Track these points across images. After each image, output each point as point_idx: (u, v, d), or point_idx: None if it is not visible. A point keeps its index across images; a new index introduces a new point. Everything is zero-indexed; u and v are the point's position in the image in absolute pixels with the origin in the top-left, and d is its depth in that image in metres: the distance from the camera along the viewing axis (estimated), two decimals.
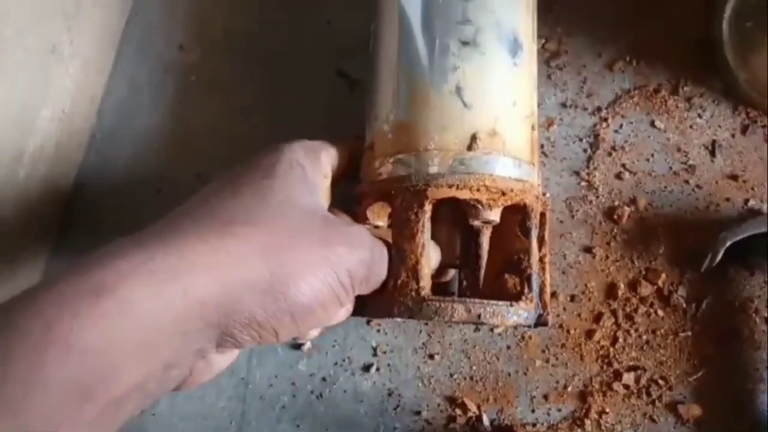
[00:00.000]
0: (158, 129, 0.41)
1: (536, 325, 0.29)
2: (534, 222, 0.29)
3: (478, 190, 0.28)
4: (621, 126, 0.40)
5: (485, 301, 0.27)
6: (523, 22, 0.32)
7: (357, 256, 0.26)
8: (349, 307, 0.28)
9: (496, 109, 0.30)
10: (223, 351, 0.25)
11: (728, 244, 0.35)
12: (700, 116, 0.40)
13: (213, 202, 0.26)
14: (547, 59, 0.41)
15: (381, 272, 0.28)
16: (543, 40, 0.41)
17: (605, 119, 0.40)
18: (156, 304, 0.21)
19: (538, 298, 0.29)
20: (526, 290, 0.28)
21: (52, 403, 0.19)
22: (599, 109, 0.40)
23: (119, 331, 0.20)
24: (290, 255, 0.24)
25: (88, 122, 0.41)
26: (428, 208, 0.28)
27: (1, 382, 0.18)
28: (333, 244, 0.25)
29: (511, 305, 0.27)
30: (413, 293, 0.27)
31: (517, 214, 0.30)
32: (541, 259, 0.31)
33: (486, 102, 0.30)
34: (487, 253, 0.30)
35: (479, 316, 0.27)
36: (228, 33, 0.43)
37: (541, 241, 0.31)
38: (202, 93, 0.42)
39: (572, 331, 0.37)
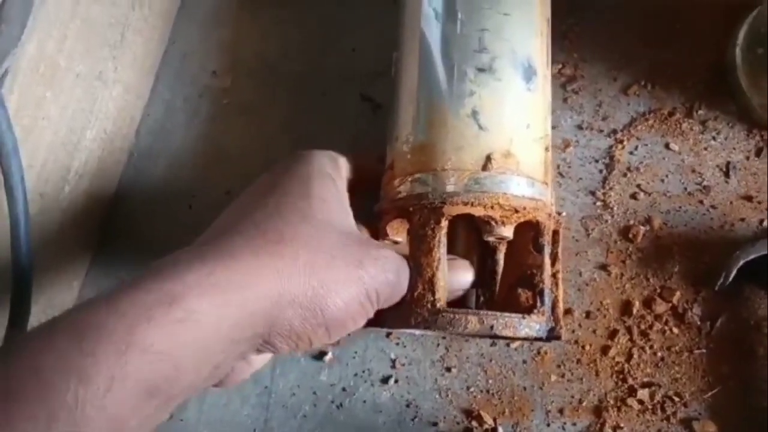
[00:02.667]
0: (191, 149, 0.44)
1: (548, 338, 0.30)
2: (547, 239, 0.31)
3: (492, 207, 0.29)
4: (636, 148, 0.41)
5: (498, 313, 0.28)
6: (538, 49, 0.34)
7: (385, 277, 0.28)
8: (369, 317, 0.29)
9: (510, 131, 0.31)
10: (261, 353, 0.28)
11: (742, 262, 0.36)
12: (714, 138, 0.41)
13: (258, 218, 0.28)
14: (564, 83, 0.43)
15: (403, 290, 0.30)
16: (560, 65, 0.43)
17: (620, 141, 0.41)
18: (216, 315, 0.23)
19: (550, 312, 0.30)
20: (538, 304, 0.29)
21: (127, 398, 0.21)
22: (615, 131, 0.41)
23: (184, 337, 0.23)
24: (329, 274, 0.26)
25: (127, 142, 0.44)
26: (444, 224, 0.30)
27: (90, 374, 0.20)
28: (366, 265, 0.27)
29: (524, 318, 0.29)
30: (429, 305, 0.29)
31: (530, 231, 0.31)
32: (554, 275, 0.32)
33: (500, 125, 0.31)
34: (502, 269, 0.32)
35: (492, 327, 0.28)
36: (258, 59, 0.46)
37: (554, 257, 0.32)
38: (233, 116, 0.45)
39: (587, 347, 0.38)
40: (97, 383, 0.20)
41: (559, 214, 0.40)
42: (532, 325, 0.29)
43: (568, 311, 0.38)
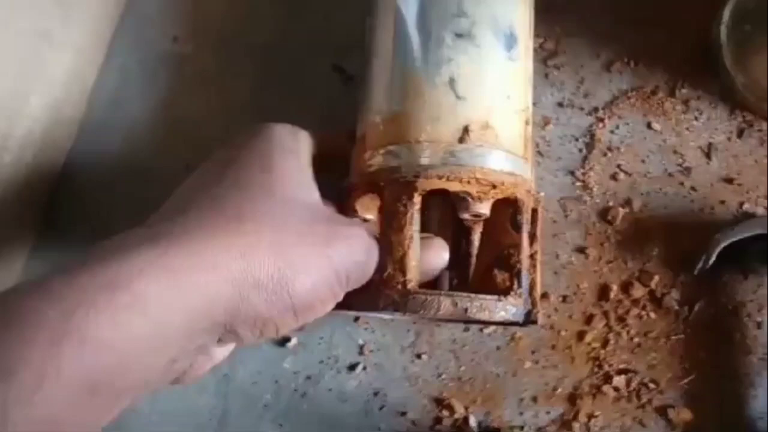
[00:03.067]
0: (148, 120, 0.41)
1: (525, 322, 0.28)
2: (525, 217, 0.29)
3: (468, 182, 0.27)
4: (617, 127, 0.39)
5: (473, 295, 0.27)
6: (520, 17, 0.32)
7: (355, 258, 0.26)
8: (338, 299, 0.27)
9: (490, 101, 0.29)
10: (223, 344, 0.25)
11: (721, 246, 0.35)
12: (696, 119, 0.39)
13: (216, 193, 0.25)
14: (545, 58, 0.41)
15: (371, 271, 0.27)
16: (541, 39, 0.41)
17: (602, 120, 0.40)
18: (167, 302, 0.21)
19: (527, 295, 0.28)
20: (515, 286, 0.28)
21: (62, 396, 0.19)
22: (596, 109, 0.40)
23: (131, 327, 0.20)
24: (296, 253, 0.24)
25: (78, 111, 0.41)
26: (417, 200, 0.28)
27: (15, 368, 0.18)
28: (335, 244, 0.25)
29: (500, 300, 0.27)
30: (399, 286, 0.27)
31: (508, 209, 0.29)
32: (532, 256, 0.30)
33: (479, 94, 0.29)
34: (477, 250, 0.30)
35: (466, 310, 0.26)
36: (223, 26, 0.43)
37: (532, 237, 0.30)
38: (194, 86, 0.42)
39: (563, 333, 0.37)
40: (24, 379, 0.18)
41: (538, 193, 0.38)
42: (509, 308, 0.27)
43: (544, 295, 0.37)
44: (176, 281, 0.21)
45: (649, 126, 0.39)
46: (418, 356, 0.37)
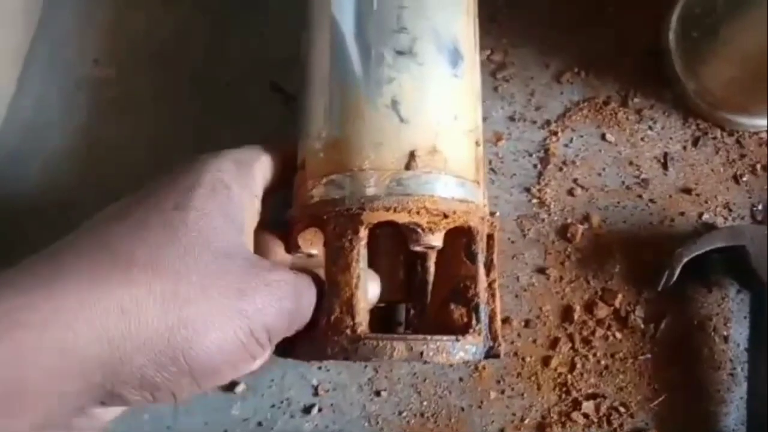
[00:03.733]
0: (68, 149, 0.37)
1: (487, 357, 0.26)
2: (480, 246, 0.27)
3: (417, 212, 0.25)
4: (571, 140, 0.38)
5: (428, 337, 0.24)
6: (463, 30, 0.30)
7: (278, 306, 0.23)
8: (265, 357, 0.25)
9: (436, 124, 0.27)
10: (108, 407, 0.22)
11: (684, 261, 0.34)
12: (651, 128, 0.38)
13: (113, 233, 0.22)
14: (493, 71, 0.39)
15: (305, 317, 0.25)
16: (488, 51, 0.39)
17: (555, 133, 0.38)
18: (23, 362, 0.18)
19: (487, 330, 0.26)
20: (473, 322, 0.26)
21: None
22: (548, 122, 0.38)
23: None
24: (196, 309, 0.21)
25: None
26: (364, 234, 0.25)
27: None
28: (251, 294, 0.22)
29: (457, 340, 0.25)
30: (348, 331, 0.24)
31: (462, 238, 0.27)
32: (490, 285, 0.28)
33: (424, 116, 0.27)
34: (432, 281, 0.28)
35: (422, 354, 0.24)
36: (149, 45, 0.40)
37: (489, 265, 0.28)
38: (120, 111, 0.38)
39: (528, 359, 0.35)
40: None
41: (493, 214, 0.36)
42: (468, 348, 0.25)
43: (506, 320, 0.35)
44: (38, 339, 0.18)
45: (603, 137, 0.38)
46: (377, 393, 0.34)
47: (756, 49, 0.33)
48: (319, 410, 0.34)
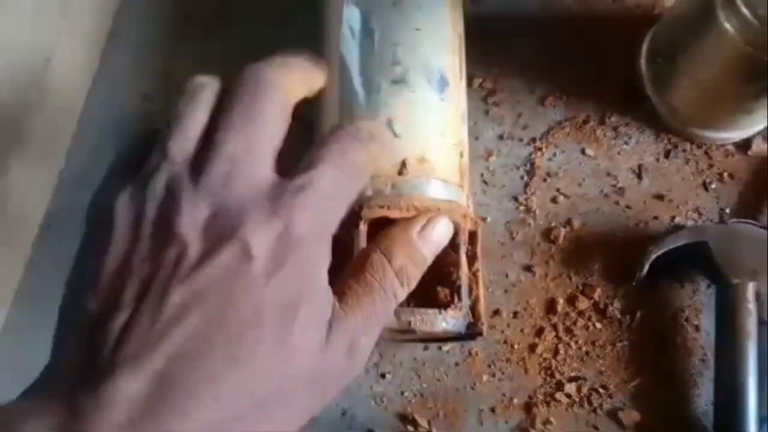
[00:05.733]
0: None
1: (470, 335, 0.31)
2: (463, 238, 0.32)
3: (407, 209, 0.31)
4: (554, 155, 0.43)
5: (415, 309, 0.29)
6: (450, 63, 0.35)
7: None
8: None
9: (425, 138, 0.33)
10: None
11: (653, 257, 0.38)
12: (626, 143, 0.43)
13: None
14: (485, 96, 0.45)
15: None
16: (480, 80, 0.45)
17: (540, 149, 0.43)
18: None
19: (468, 308, 0.31)
20: (455, 299, 0.31)
21: None
22: (534, 140, 0.44)
23: None
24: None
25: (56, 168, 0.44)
26: (363, 228, 0.31)
27: None
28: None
29: (440, 313, 0.30)
30: None
31: None
32: (474, 274, 0.33)
33: (415, 132, 0.33)
34: None
35: (409, 323, 0.29)
36: None
37: (472, 256, 0.33)
38: None
39: (516, 346, 0.39)
40: None
41: (484, 219, 0.41)
42: (449, 320, 0.30)
43: (496, 312, 0.40)
44: None
45: (583, 152, 0.43)
46: (383, 376, 0.39)
47: (707, 75, 0.38)
48: None
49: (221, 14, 0.48)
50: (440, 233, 0.29)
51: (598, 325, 0.40)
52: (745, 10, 0.32)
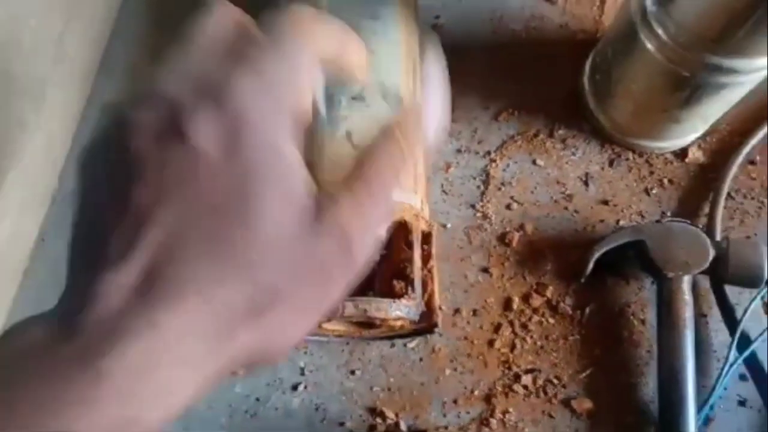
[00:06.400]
0: None
1: (425, 329, 0.34)
2: (416, 236, 0.35)
3: None
4: (508, 165, 0.47)
5: (371, 299, 0.33)
6: (404, 81, 0.39)
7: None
8: None
9: None
10: None
11: (597, 255, 0.42)
12: (573, 154, 0.47)
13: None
14: None
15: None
16: None
17: (494, 160, 0.47)
18: None
19: (420, 299, 0.34)
20: (409, 291, 0.34)
21: None
22: (489, 152, 0.47)
23: None
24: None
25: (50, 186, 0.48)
26: None
27: None
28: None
29: (394, 302, 0.33)
30: None
31: (402, 231, 0.36)
32: (429, 270, 0.36)
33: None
34: (378, 266, 0.36)
35: (365, 310, 0.32)
36: None
37: (427, 254, 0.36)
38: None
39: (476, 342, 0.42)
40: None
41: (444, 226, 0.45)
42: (402, 308, 0.33)
43: (457, 311, 0.43)
44: None
45: (534, 163, 0.47)
46: (352, 372, 0.42)
47: (637, 89, 0.42)
48: (305, 387, 0.42)
49: None
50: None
51: (551, 321, 0.43)
52: (660, 32, 0.37)
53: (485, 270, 0.44)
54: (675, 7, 0.36)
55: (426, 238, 0.37)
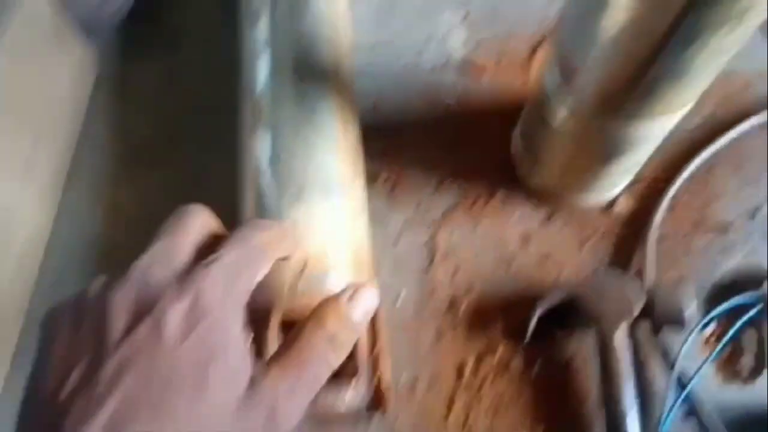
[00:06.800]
0: None
1: (373, 407, 0.36)
2: None
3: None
4: (452, 233, 0.50)
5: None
6: (343, 172, 0.42)
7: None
8: None
9: (321, 240, 0.39)
10: None
11: (537, 315, 0.44)
12: (512, 216, 0.50)
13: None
14: (390, 189, 0.52)
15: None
16: (385, 176, 0.52)
17: (439, 229, 0.50)
18: None
19: (368, 383, 0.36)
20: (357, 376, 0.36)
21: None
22: (433, 222, 0.50)
23: None
24: None
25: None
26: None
27: None
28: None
29: (341, 390, 0.35)
30: None
31: None
32: (378, 354, 0.38)
33: (312, 237, 0.39)
34: None
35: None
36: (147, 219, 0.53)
37: (375, 337, 0.39)
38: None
39: (435, 413, 0.44)
40: None
41: (397, 296, 0.47)
42: (350, 395, 0.35)
43: (413, 381, 0.45)
44: None
45: (476, 228, 0.50)
46: None
47: (559, 154, 0.45)
48: None
49: (167, 145, 0.54)
50: (368, 299, 0.32)
51: (504, 382, 0.45)
52: (567, 104, 0.40)
53: (438, 337, 0.46)
54: (576, 80, 0.38)
55: (371, 321, 0.39)
